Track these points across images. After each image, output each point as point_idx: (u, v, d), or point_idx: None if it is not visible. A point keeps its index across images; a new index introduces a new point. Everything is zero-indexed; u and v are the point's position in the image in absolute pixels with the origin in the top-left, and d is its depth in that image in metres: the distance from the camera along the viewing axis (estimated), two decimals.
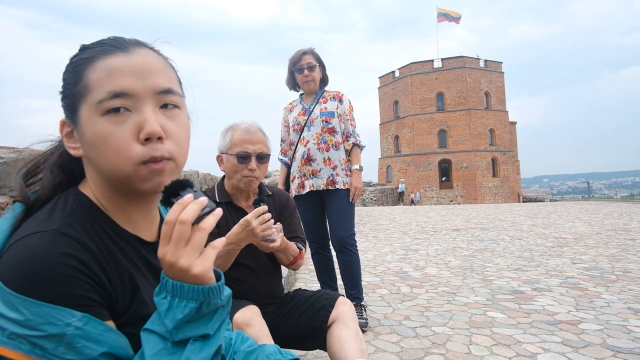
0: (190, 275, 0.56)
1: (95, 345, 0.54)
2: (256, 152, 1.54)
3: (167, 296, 0.57)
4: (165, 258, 0.57)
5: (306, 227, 2.65)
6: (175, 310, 0.57)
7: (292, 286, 3.51)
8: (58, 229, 0.58)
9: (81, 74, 0.62)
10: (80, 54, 0.64)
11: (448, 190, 33.65)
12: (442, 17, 39.22)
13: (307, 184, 2.59)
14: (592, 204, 16.37)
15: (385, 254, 5.18)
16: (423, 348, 2.14)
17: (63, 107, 0.65)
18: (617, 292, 3.15)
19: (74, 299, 0.54)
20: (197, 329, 0.58)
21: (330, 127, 2.59)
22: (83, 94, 0.61)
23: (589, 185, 66.22)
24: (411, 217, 11.07)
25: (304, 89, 2.67)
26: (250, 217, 1.37)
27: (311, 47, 2.66)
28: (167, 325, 0.57)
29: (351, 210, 2.61)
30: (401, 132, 36.38)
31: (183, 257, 0.56)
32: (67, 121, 0.65)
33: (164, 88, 0.63)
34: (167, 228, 0.57)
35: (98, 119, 0.60)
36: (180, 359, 0.56)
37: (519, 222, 8.72)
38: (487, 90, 35.14)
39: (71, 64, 0.64)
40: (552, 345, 2.13)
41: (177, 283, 0.57)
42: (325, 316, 1.42)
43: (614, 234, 6.43)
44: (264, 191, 1.71)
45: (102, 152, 0.61)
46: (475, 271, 4.03)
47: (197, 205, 0.57)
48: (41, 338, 0.51)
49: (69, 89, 0.63)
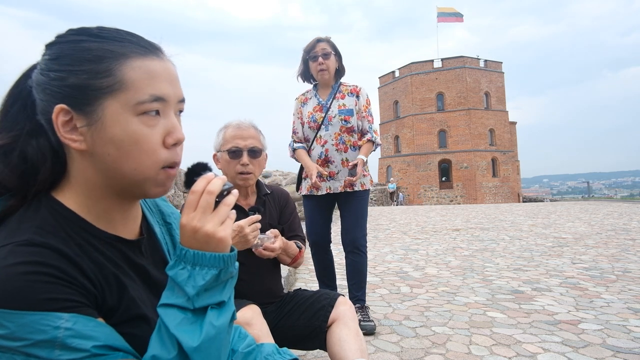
0: (215, 239, 0.61)
1: (87, 341, 0.54)
2: (247, 147, 1.55)
3: (186, 266, 0.60)
4: (191, 223, 0.61)
5: (310, 228, 2.60)
6: (196, 277, 0.60)
7: (292, 286, 3.51)
8: (28, 239, 0.56)
9: (113, 68, 0.59)
10: (100, 42, 0.60)
11: (448, 190, 33.64)
12: (443, 17, 39.20)
13: (323, 185, 2.51)
14: (592, 204, 16.37)
15: (385, 254, 5.18)
16: (423, 348, 2.14)
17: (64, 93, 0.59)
18: (617, 292, 3.15)
19: (58, 303, 0.53)
20: (214, 296, 0.61)
21: (349, 126, 2.49)
22: (115, 90, 0.59)
23: (589, 185, 66.27)
24: (411, 217, 11.07)
25: (318, 78, 2.55)
26: (244, 223, 1.37)
27: (327, 35, 2.55)
28: (189, 292, 0.59)
29: (366, 211, 2.56)
30: (401, 132, 36.38)
31: (209, 223, 0.61)
32: (71, 110, 0.59)
33: (183, 97, 0.67)
34: (193, 197, 0.61)
35: (132, 118, 0.60)
36: (203, 325, 0.59)
37: (519, 222, 8.72)
38: (487, 90, 35.13)
39: (88, 50, 0.60)
40: (552, 345, 2.13)
41: (198, 252, 0.60)
42: (325, 316, 1.42)
43: (614, 234, 6.43)
44: (263, 189, 1.71)
45: (129, 152, 0.60)
46: (475, 271, 4.03)
47: (220, 181, 0.63)
48: (32, 346, 0.51)
49: (88, 79, 0.59)
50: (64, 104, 0.59)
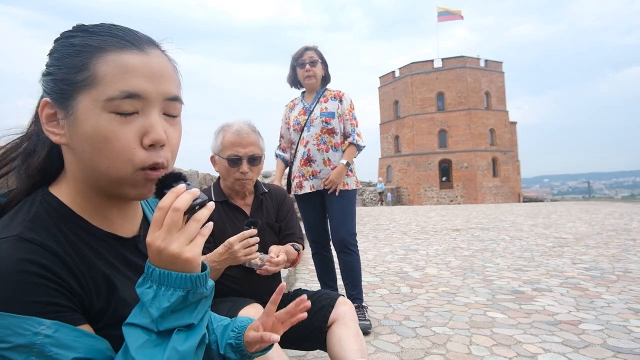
0: (181, 260, 0.56)
1: (67, 351, 0.52)
2: (247, 155, 1.53)
3: (152, 285, 0.56)
4: (155, 243, 0.56)
5: (307, 227, 2.65)
6: (161, 299, 0.56)
7: (292, 286, 3.51)
8: (19, 235, 0.55)
9: (87, 62, 0.58)
10: (84, 37, 0.60)
11: (448, 190, 33.62)
12: (443, 17, 39.17)
13: (306, 184, 2.59)
14: (593, 204, 16.36)
15: (385, 254, 5.18)
16: (423, 348, 2.14)
17: (50, 87, 0.59)
18: (617, 292, 3.15)
19: (40, 306, 0.52)
20: (182, 318, 0.57)
21: (330, 127, 2.57)
22: (87, 85, 0.57)
23: (590, 185, 66.14)
24: (411, 217, 11.06)
25: (305, 84, 2.65)
26: (234, 240, 1.34)
27: (315, 44, 2.65)
28: (153, 314, 0.56)
29: (352, 210, 2.60)
30: (401, 132, 36.36)
31: (174, 243, 0.56)
32: (53, 103, 0.59)
33: (173, 95, 0.63)
34: (159, 214, 0.56)
35: (103, 115, 0.57)
36: (165, 349, 0.55)
37: (519, 222, 8.71)
38: (488, 90, 35.10)
39: (71, 45, 0.59)
40: (553, 346, 2.13)
41: (164, 271, 0.56)
42: (325, 316, 1.42)
43: (615, 234, 6.42)
44: (260, 189, 1.71)
45: (100, 150, 0.58)
46: (475, 271, 4.02)
47: (189, 195, 0.57)
48: (9, 350, 0.49)
49: (66, 73, 0.58)
50: (48, 97, 0.60)
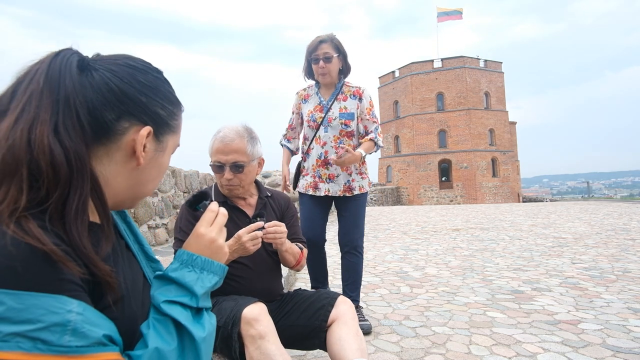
0: (223, 252, 0.75)
1: (97, 328, 0.53)
2: (229, 162, 1.54)
3: (193, 269, 0.70)
4: (209, 234, 0.74)
5: (307, 225, 2.56)
6: (205, 280, 0.70)
7: (292, 286, 3.51)
8: None
9: (178, 114, 0.74)
10: (172, 90, 0.73)
11: (448, 190, 33.62)
12: (443, 17, 39.16)
13: (322, 187, 2.50)
14: (592, 204, 16.36)
15: (385, 253, 5.18)
16: (423, 348, 2.14)
17: (150, 116, 0.67)
18: (616, 292, 3.15)
19: (65, 285, 0.52)
20: (207, 301, 0.72)
21: (349, 130, 2.46)
22: (175, 131, 0.74)
23: (589, 185, 66.13)
24: (411, 217, 11.07)
25: (319, 80, 2.50)
26: (242, 233, 1.39)
27: (331, 33, 2.45)
28: (197, 292, 0.68)
29: (364, 213, 2.57)
30: (401, 132, 36.36)
31: (221, 238, 0.76)
32: (153, 134, 0.69)
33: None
34: (211, 215, 0.77)
35: (170, 154, 0.76)
36: (204, 321, 0.68)
37: (518, 222, 8.72)
38: (487, 90, 35.10)
39: (171, 93, 0.72)
40: (552, 345, 2.13)
41: (208, 259, 0.72)
42: (325, 315, 1.42)
43: (614, 234, 6.43)
44: (263, 191, 1.71)
45: (156, 178, 0.74)
46: (475, 271, 4.03)
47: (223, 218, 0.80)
48: (42, 330, 0.49)
49: (167, 117, 0.71)
50: (149, 126, 0.67)
